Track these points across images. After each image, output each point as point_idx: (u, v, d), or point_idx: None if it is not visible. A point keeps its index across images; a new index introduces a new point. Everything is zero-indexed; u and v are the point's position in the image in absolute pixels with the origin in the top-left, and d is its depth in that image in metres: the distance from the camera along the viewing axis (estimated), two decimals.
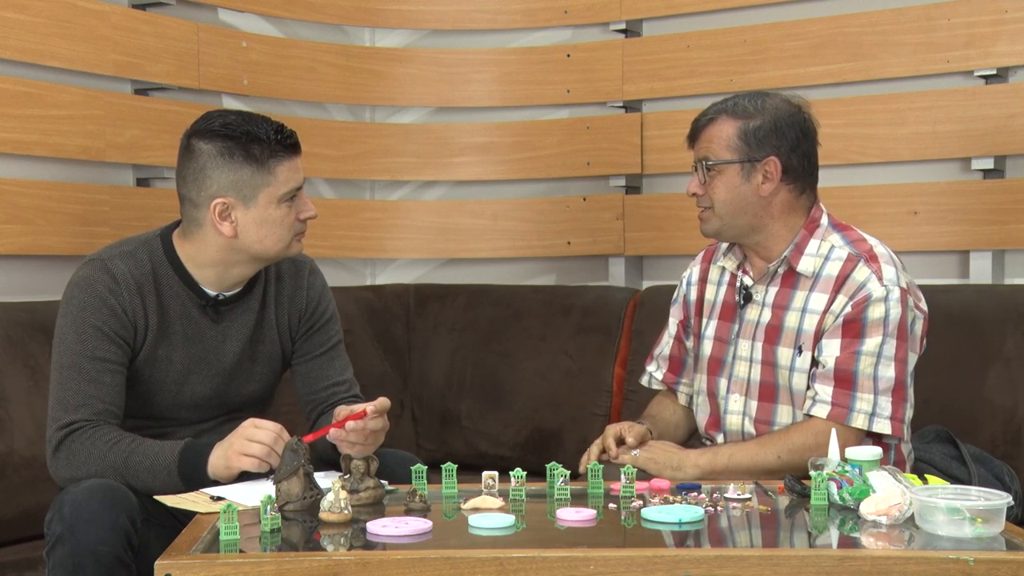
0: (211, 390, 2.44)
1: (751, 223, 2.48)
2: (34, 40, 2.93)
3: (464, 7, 3.83)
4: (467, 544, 1.88)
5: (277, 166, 2.33)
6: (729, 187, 2.46)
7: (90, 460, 2.23)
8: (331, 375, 2.57)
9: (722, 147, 2.45)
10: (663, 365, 2.74)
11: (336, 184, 3.88)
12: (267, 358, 2.51)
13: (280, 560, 1.75)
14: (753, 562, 1.74)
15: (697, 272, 2.69)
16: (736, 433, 2.53)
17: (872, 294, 2.39)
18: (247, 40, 3.50)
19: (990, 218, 3.19)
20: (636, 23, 3.70)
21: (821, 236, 2.49)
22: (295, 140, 2.37)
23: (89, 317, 2.30)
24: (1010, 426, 2.86)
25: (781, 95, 2.51)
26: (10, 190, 2.90)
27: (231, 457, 2.21)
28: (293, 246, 2.41)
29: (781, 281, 2.50)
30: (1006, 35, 3.17)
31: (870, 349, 2.39)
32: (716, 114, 2.48)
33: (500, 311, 3.60)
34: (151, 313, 2.35)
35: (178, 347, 2.39)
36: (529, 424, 3.47)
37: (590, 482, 2.18)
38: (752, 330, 2.52)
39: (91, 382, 2.28)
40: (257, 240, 2.35)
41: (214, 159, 2.32)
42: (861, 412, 2.39)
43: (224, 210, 2.33)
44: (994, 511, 1.84)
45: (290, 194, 2.36)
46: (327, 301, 2.59)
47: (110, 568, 2.05)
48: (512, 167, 3.82)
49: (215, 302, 2.42)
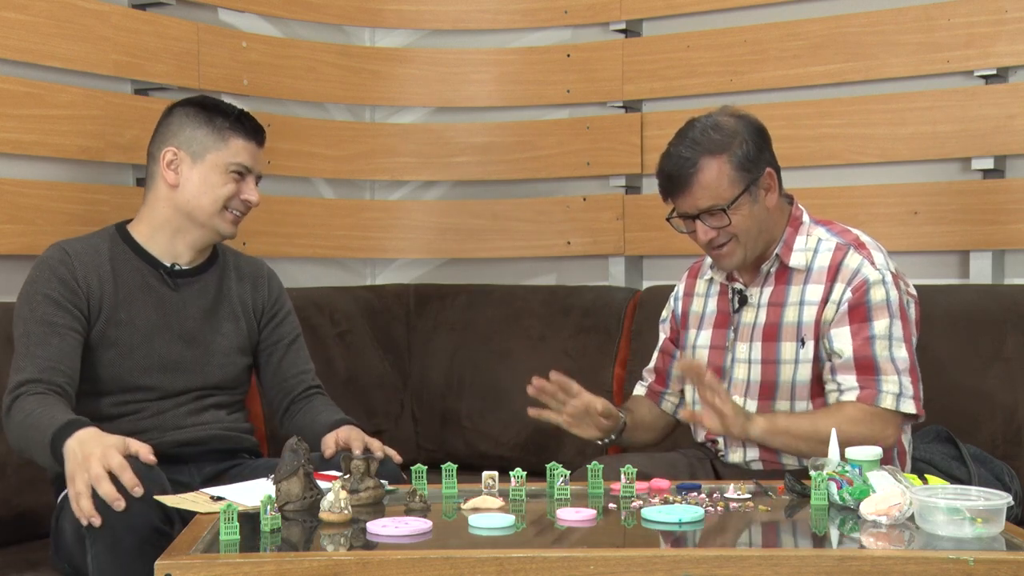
0: (178, 353, 2.53)
1: (768, 237, 2.52)
2: (34, 40, 2.93)
3: (464, 7, 3.83)
4: (467, 544, 1.88)
5: (232, 138, 2.55)
6: (747, 216, 2.46)
7: (19, 432, 2.29)
8: (299, 363, 2.71)
9: (726, 186, 2.44)
10: (649, 377, 2.81)
11: (336, 184, 3.87)
12: (232, 334, 2.62)
13: (280, 560, 1.75)
14: (753, 562, 1.74)
15: (683, 287, 2.75)
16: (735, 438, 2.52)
17: (869, 278, 2.44)
18: (247, 40, 3.50)
19: (990, 218, 3.19)
20: (636, 23, 3.70)
21: (806, 232, 2.53)
22: (258, 127, 2.59)
23: (40, 287, 2.44)
24: (1010, 426, 2.86)
25: (725, 111, 2.52)
26: (10, 190, 2.90)
27: (91, 456, 2.10)
28: (224, 219, 2.57)
29: (775, 280, 2.53)
30: (1006, 35, 3.16)
31: (881, 332, 2.43)
32: (694, 161, 2.43)
33: (500, 311, 3.60)
34: (106, 282, 2.48)
35: (139, 311, 2.51)
36: (529, 424, 3.45)
37: (590, 482, 2.18)
38: (749, 332, 2.54)
39: (39, 344, 2.38)
40: (193, 196, 2.53)
41: (179, 118, 2.56)
42: (889, 393, 2.43)
43: (173, 160, 2.53)
44: (994, 511, 1.84)
45: (236, 167, 2.55)
46: (286, 298, 2.77)
47: (148, 538, 2.06)
48: (512, 167, 3.82)
49: (171, 272, 2.56)
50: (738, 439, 2.47)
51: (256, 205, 2.61)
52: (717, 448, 2.59)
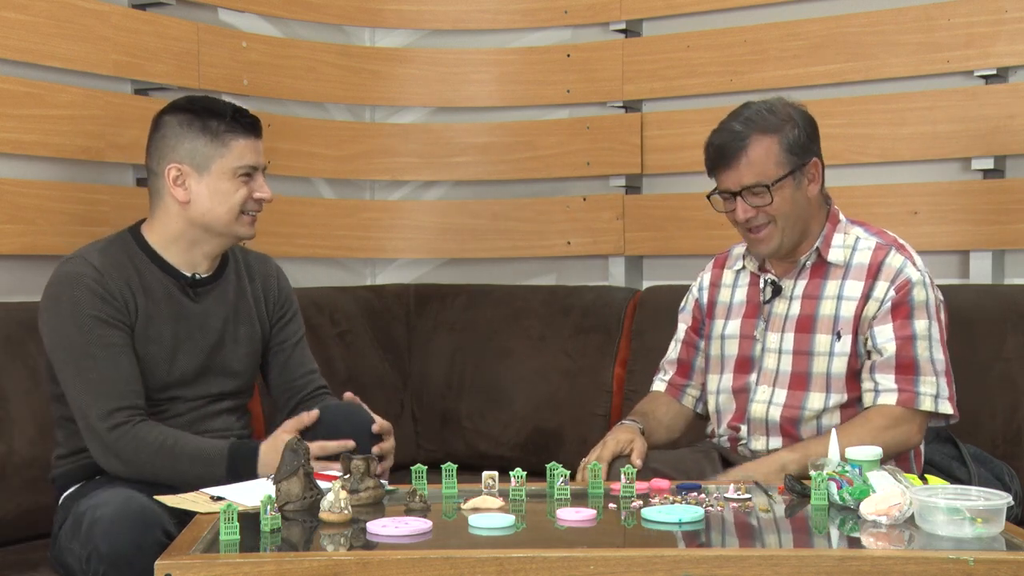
0: (198, 365, 2.52)
1: (804, 228, 2.53)
2: (34, 40, 2.93)
3: (464, 7, 3.83)
4: (467, 544, 1.88)
5: (232, 140, 2.47)
6: (788, 200, 2.47)
7: (140, 462, 2.34)
8: (305, 363, 2.70)
9: (772, 165, 2.46)
10: (671, 369, 2.76)
11: (336, 184, 3.87)
12: (249, 339, 2.61)
13: (280, 560, 1.75)
14: (753, 562, 1.74)
15: (708, 277, 2.74)
16: (758, 421, 2.54)
17: (912, 278, 2.47)
18: (247, 40, 3.50)
19: (990, 218, 3.19)
20: (636, 23, 3.70)
21: (843, 230, 2.56)
22: (253, 121, 2.51)
23: (85, 309, 2.38)
24: (1010, 426, 2.86)
25: (780, 100, 2.54)
26: (10, 190, 2.90)
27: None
28: (243, 223, 2.51)
29: (810, 273, 2.55)
30: (1006, 35, 3.17)
31: (922, 332, 2.45)
32: (745, 136, 2.47)
33: (500, 311, 3.60)
34: (138, 295, 2.45)
35: (166, 325, 2.48)
36: (529, 424, 3.47)
37: (590, 482, 2.18)
38: (781, 323, 2.55)
39: (111, 368, 2.37)
40: (208, 209, 2.47)
41: (173, 129, 2.47)
42: (927, 395, 2.44)
43: (178, 176, 2.46)
44: (994, 511, 1.84)
45: (243, 170, 2.48)
46: (293, 294, 2.73)
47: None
48: (512, 167, 3.82)
49: (192, 282, 2.52)
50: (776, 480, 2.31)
51: (271, 200, 2.54)
52: (739, 436, 2.58)
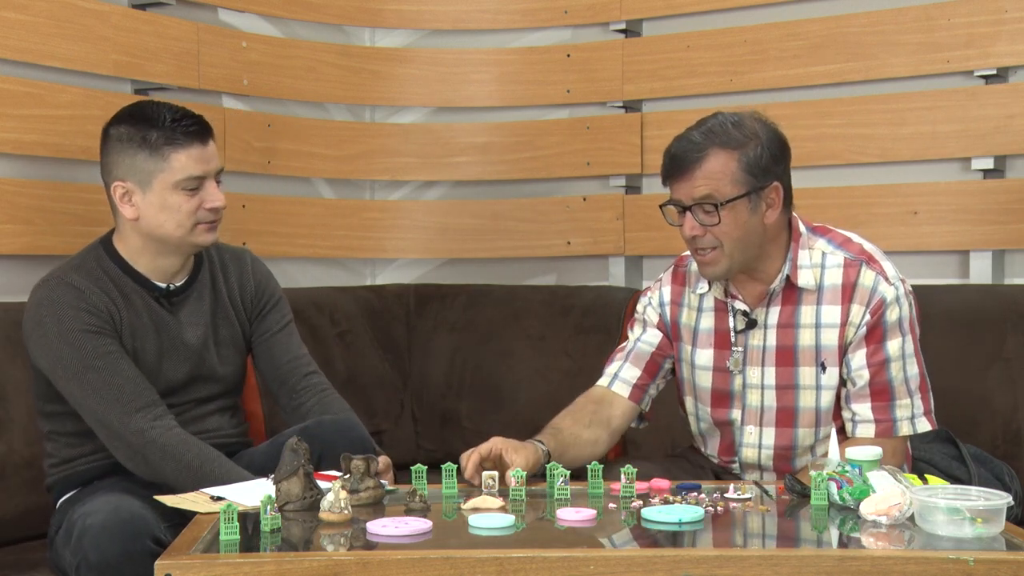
0: (184, 374, 2.50)
1: (756, 253, 2.38)
2: (34, 40, 2.93)
3: (464, 7, 3.83)
4: (467, 544, 1.88)
5: (172, 153, 2.38)
6: (739, 223, 2.33)
7: (165, 473, 2.31)
8: (291, 349, 2.64)
9: (727, 183, 2.31)
10: (636, 369, 2.56)
11: (336, 184, 3.87)
12: (231, 340, 2.59)
13: (280, 560, 1.75)
14: (753, 562, 1.74)
15: (668, 293, 2.58)
16: (752, 466, 2.48)
17: (886, 297, 2.36)
18: (247, 40, 3.50)
19: (990, 218, 3.19)
20: (636, 23, 3.70)
21: (807, 245, 2.42)
22: (197, 128, 2.41)
23: (72, 326, 2.35)
24: (1010, 426, 2.86)
25: (751, 115, 2.39)
26: (9, 190, 2.90)
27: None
28: (199, 234, 2.44)
29: (782, 300, 2.42)
30: (1006, 35, 3.17)
31: (895, 354, 2.37)
32: (704, 147, 2.32)
33: (500, 311, 3.60)
34: (120, 308, 2.42)
35: (149, 337, 2.46)
36: (529, 424, 3.43)
37: (590, 482, 2.18)
38: (759, 356, 2.44)
39: (115, 374, 2.35)
40: (158, 225, 2.41)
41: (116, 145, 2.41)
42: (904, 420, 2.40)
43: (124, 193, 2.41)
44: (994, 511, 1.84)
45: (187, 182, 2.39)
46: (274, 284, 2.68)
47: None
48: (512, 167, 3.82)
49: (166, 293, 2.49)
50: None
51: (224, 207, 2.45)
52: (732, 469, 2.53)
